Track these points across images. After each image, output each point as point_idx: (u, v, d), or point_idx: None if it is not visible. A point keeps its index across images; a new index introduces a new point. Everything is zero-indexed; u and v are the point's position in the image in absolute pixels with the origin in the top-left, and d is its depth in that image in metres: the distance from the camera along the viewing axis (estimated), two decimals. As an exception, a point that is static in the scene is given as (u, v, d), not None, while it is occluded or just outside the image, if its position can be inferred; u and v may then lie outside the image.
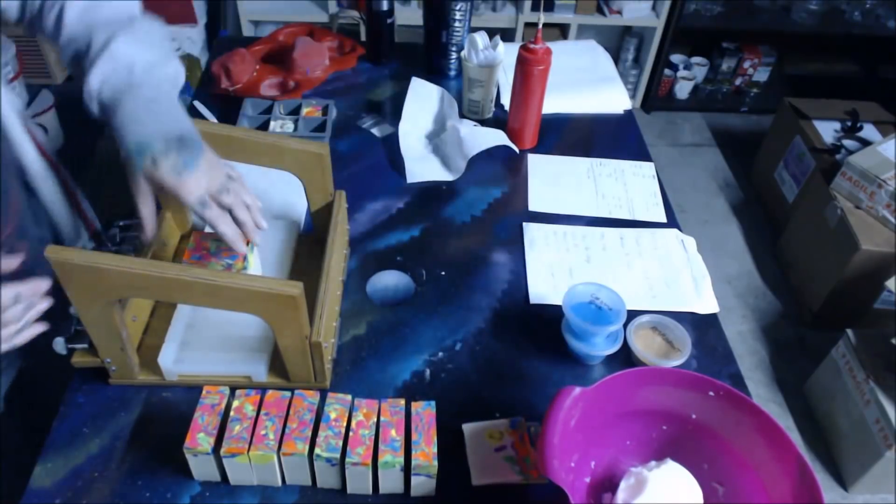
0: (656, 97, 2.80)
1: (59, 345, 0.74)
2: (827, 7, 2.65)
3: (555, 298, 0.90)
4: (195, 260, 0.78)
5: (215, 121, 1.16)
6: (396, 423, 0.67)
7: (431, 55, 1.31)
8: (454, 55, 1.30)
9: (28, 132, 0.78)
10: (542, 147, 1.18)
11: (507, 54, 1.16)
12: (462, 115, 1.22)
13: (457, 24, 1.25)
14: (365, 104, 1.25)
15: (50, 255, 0.61)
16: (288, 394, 0.69)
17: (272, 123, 1.15)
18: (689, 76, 2.78)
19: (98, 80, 0.67)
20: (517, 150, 1.13)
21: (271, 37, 1.36)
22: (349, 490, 0.68)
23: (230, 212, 0.72)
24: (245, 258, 0.77)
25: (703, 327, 0.89)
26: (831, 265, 1.86)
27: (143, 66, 0.68)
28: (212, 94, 1.24)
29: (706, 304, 0.92)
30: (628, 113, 1.28)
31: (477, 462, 0.72)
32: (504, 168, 1.13)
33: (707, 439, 0.69)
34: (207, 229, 0.89)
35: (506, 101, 1.24)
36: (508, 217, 1.04)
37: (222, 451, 0.64)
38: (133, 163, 0.67)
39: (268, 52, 1.33)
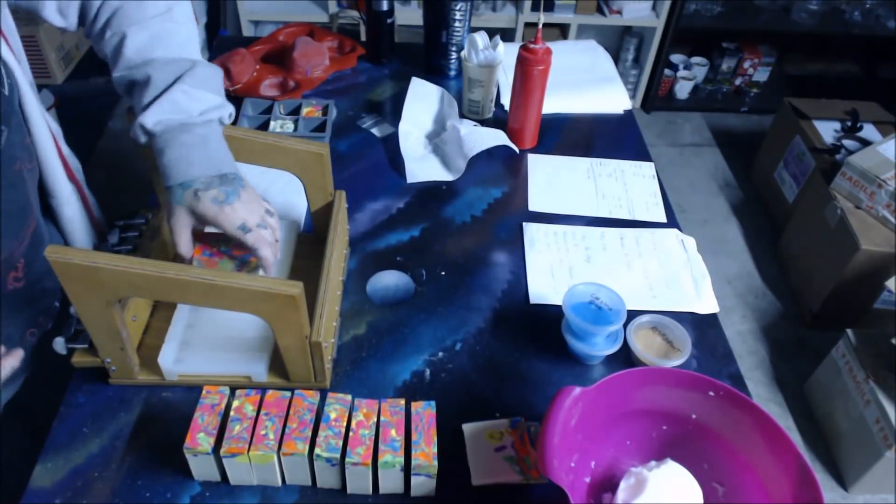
0: (656, 97, 2.81)
1: (59, 345, 0.74)
2: (827, 7, 2.65)
3: (555, 298, 0.90)
4: (206, 257, 0.77)
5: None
6: (396, 423, 0.67)
7: (431, 55, 1.31)
8: (454, 55, 1.30)
9: (60, 158, 0.79)
10: (542, 147, 1.18)
11: (507, 54, 1.16)
12: (462, 115, 1.22)
13: (457, 24, 1.25)
14: (365, 104, 1.25)
15: (50, 255, 0.61)
16: (288, 394, 0.69)
17: (272, 123, 1.15)
18: (689, 76, 2.79)
19: (153, 121, 0.69)
20: (517, 150, 1.13)
21: (271, 37, 1.36)
22: (349, 490, 0.68)
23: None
24: None
25: (703, 327, 0.89)
26: (831, 265, 1.86)
27: (199, 111, 0.71)
28: (212, 94, 1.24)
29: (706, 304, 0.92)
30: (628, 113, 1.28)
31: (477, 462, 0.72)
32: (504, 168, 1.13)
33: (707, 439, 0.69)
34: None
35: (506, 101, 1.24)
36: (508, 217, 1.04)
37: (222, 451, 0.64)
38: (174, 196, 0.70)
39: (268, 52, 1.33)
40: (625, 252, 0.99)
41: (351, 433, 0.66)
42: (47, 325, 0.82)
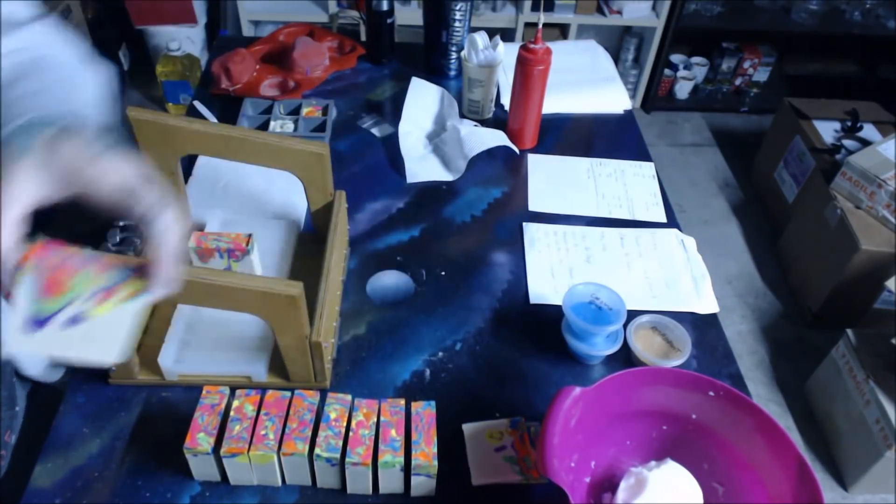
0: (656, 97, 2.81)
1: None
2: (827, 7, 2.65)
3: (555, 298, 0.90)
4: (50, 262, 0.48)
5: (215, 121, 1.16)
6: (396, 423, 0.67)
7: (431, 55, 1.31)
8: (454, 55, 1.30)
9: None
10: (542, 147, 1.18)
11: (507, 54, 1.16)
12: (462, 115, 1.22)
13: (457, 24, 1.25)
14: (365, 104, 1.25)
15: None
16: (288, 394, 0.69)
17: (272, 123, 1.15)
18: (689, 76, 2.78)
19: None
20: (517, 150, 1.13)
21: (271, 37, 1.36)
22: (349, 490, 0.68)
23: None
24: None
25: (703, 327, 0.89)
26: (831, 265, 1.86)
27: (64, 62, 0.49)
28: (212, 94, 1.24)
29: (706, 304, 0.92)
30: (628, 113, 1.28)
31: (477, 462, 0.72)
32: (504, 168, 1.13)
33: (707, 439, 0.69)
34: (208, 228, 0.89)
35: (506, 101, 1.24)
36: (508, 217, 1.04)
37: (222, 451, 0.64)
38: (18, 141, 0.42)
39: (268, 52, 1.33)
40: (625, 252, 0.99)
41: (351, 433, 0.66)
42: (16, 424, 0.76)
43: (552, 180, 1.11)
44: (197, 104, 1.21)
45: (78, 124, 0.45)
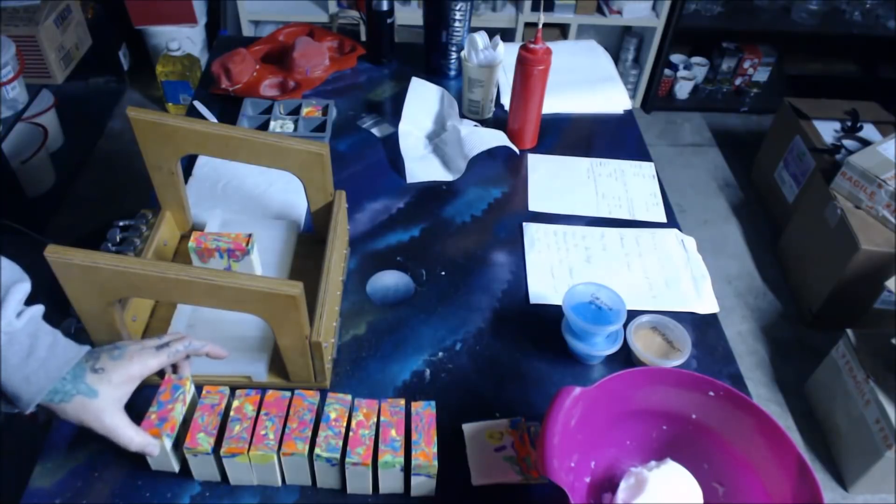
0: (656, 97, 2.80)
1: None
2: (827, 7, 2.65)
3: (555, 298, 0.90)
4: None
5: (215, 121, 1.16)
6: (396, 423, 0.67)
7: (431, 55, 1.31)
8: (454, 55, 1.30)
9: None
10: (542, 147, 1.18)
11: (507, 54, 1.16)
12: (462, 115, 1.22)
13: (457, 24, 1.25)
14: (365, 104, 1.25)
15: (50, 255, 0.61)
16: (288, 394, 0.69)
17: (272, 123, 1.15)
18: (689, 76, 2.78)
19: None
20: (517, 150, 1.13)
21: (271, 37, 1.36)
22: (349, 490, 0.68)
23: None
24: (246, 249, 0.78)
25: (703, 327, 0.89)
26: (831, 265, 1.86)
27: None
28: (212, 94, 1.24)
29: (706, 304, 0.92)
30: (628, 113, 1.28)
31: (477, 462, 0.72)
32: (504, 168, 1.13)
33: (707, 439, 0.69)
34: (208, 228, 0.89)
35: (506, 101, 1.24)
36: (508, 217, 1.04)
37: (222, 451, 0.64)
38: (78, 391, 0.61)
39: (268, 52, 1.33)
40: (625, 252, 0.99)
41: (351, 433, 0.66)
42: None
43: (552, 180, 1.11)
44: (197, 104, 1.21)
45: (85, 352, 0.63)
